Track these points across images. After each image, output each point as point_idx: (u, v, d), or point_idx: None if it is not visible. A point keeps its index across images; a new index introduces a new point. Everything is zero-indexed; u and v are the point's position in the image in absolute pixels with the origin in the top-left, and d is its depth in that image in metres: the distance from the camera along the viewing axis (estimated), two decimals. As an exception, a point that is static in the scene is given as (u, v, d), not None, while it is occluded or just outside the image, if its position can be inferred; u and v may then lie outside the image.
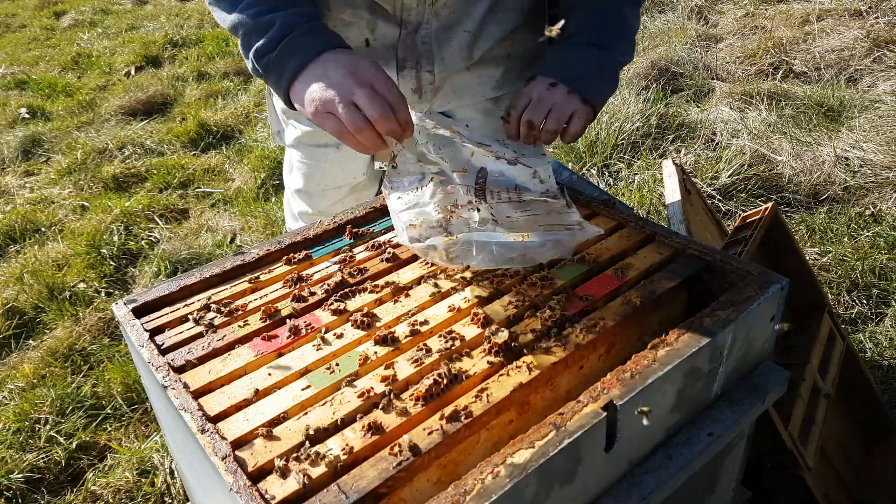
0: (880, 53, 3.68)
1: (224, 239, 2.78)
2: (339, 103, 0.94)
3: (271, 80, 1.03)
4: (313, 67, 0.98)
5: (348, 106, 0.94)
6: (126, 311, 0.98)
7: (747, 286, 0.94)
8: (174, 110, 4.15)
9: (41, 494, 1.77)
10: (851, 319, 2.12)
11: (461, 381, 0.82)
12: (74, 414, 1.97)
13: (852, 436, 1.68)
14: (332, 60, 0.98)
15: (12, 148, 3.72)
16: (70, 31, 6.05)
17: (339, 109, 0.95)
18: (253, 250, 1.11)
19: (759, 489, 1.35)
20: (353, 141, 0.98)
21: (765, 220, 1.55)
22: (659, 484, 0.84)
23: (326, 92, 0.95)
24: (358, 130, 0.95)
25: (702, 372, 0.88)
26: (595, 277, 1.02)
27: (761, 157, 2.93)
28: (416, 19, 1.19)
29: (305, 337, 0.92)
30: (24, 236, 2.92)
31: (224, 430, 0.77)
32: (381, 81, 0.97)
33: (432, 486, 0.75)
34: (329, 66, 0.97)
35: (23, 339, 2.34)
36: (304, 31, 1.00)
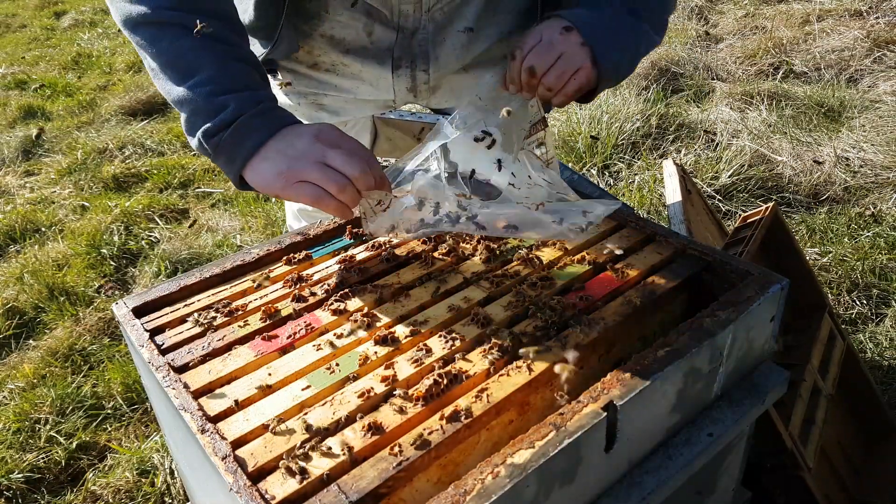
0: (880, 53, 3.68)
1: (225, 239, 2.78)
2: (314, 168, 0.92)
3: (221, 161, 0.98)
4: (273, 143, 0.95)
5: (323, 169, 0.92)
6: (126, 311, 0.98)
7: (747, 286, 0.94)
8: (174, 110, 4.14)
9: (41, 494, 1.77)
10: (851, 319, 2.12)
11: (461, 381, 0.82)
12: (74, 414, 1.97)
13: (852, 436, 1.68)
14: (293, 132, 0.96)
15: (12, 148, 3.72)
16: (70, 31, 6.05)
17: (315, 174, 0.92)
18: (253, 250, 1.11)
19: (759, 489, 1.35)
20: (333, 203, 0.94)
21: (765, 220, 1.55)
22: (659, 484, 0.84)
23: (296, 161, 0.92)
24: (341, 190, 0.92)
25: (702, 372, 0.88)
26: (595, 277, 1.02)
27: (761, 158, 2.93)
28: (413, 25, 1.20)
29: (305, 337, 0.92)
30: (24, 236, 2.92)
31: (224, 430, 0.77)
32: (348, 141, 0.96)
33: (432, 486, 0.75)
34: (291, 137, 0.95)
35: (23, 339, 2.34)
36: (259, 112, 0.96)
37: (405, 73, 1.26)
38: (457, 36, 1.24)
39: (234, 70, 0.99)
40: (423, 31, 1.21)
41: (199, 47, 0.98)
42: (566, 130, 3.18)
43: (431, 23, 1.20)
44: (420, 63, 1.25)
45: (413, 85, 1.29)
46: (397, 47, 1.23)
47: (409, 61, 1.25)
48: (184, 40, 0.97)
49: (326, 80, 1.29)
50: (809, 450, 1.36)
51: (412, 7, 1.17)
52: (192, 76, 0.98)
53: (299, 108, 1.36)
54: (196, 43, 0.98)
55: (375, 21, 1.20)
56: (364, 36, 1.22)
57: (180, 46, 0.98)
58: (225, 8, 1.04)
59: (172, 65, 0.99)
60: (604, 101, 3.26)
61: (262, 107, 0.97)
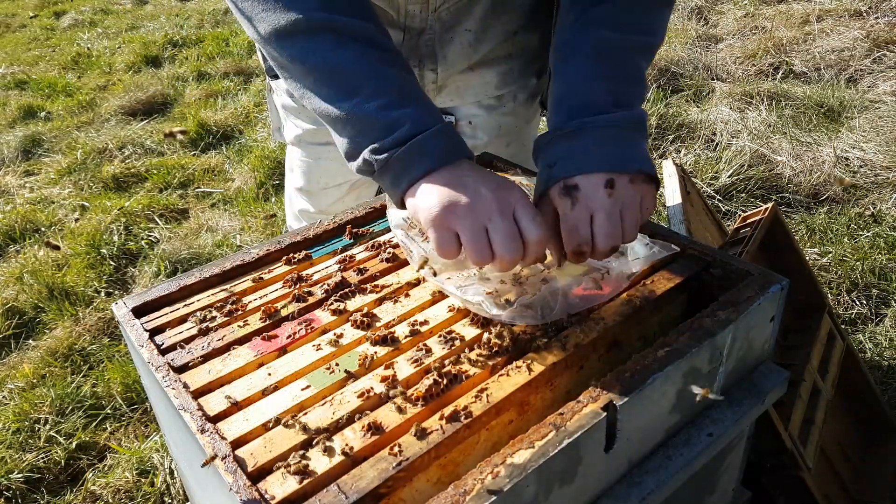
0: (880, 54, 3.68)
1: (225, 239, 2.78)
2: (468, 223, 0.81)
3: (386, 180, 0.88)
4: (445, 172, 0.84)
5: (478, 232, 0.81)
6: (126, 311, 0.98)
7: (747, 286, 0.94)
8: (174, 110, 4.15)
9: (41, 494, 1.77)
10: (851, 319, 2.12)
11: (461, 381, 0.82)
12: (74, 414, 1.97)
13: (852, 436, 1.68)
14: (472, 172, 0.85)
15: (12, 148, 3.72)
16: (70, 31, 6.05)
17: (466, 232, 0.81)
18: (253, 250, 1.11)
19: (759, 489, 1.35)
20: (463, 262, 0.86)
21: (765, 220, 1.55)
22: (659, 484, 0.84)
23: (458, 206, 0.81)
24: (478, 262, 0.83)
25: (702, 372, 0.88)
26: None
27: (761, 158, 2.93)
28: (420, 25, 1.20)
29: (305, 337, 0.92)
30: (24, 236, 2.92)
31: (224, 430, 0.77)
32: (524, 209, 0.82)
33: (432, 486, 0.75)
34: (467, 175, 0.84)
35: (23, 339, 2.34)
36: (438, 131, 0.86)
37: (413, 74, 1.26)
38: (464, 35, 1.23)
39: (400, 82, 0.90)
40: (429, 31, 1.21)
41: (358, 56, 0.89)
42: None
43: (438, 23, 1.20)
44: (428, 63, 1.25)
45: (421, 84, 1.28)
46: (404, 48, 1.23)
47: (416, 61, 1.25)
48: (340, 50, 0.89)
49: None
50: (809, 450, 1.36)
51: (419, 7, 1.17)
52: (356, 92, 0.88)
53: (304, 111, 1.36)
54: (352, 52, 0.89)
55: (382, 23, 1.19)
56: None
57: (337, 57, 0.89)
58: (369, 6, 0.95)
59: (330, 80, 0.90)
60: (604, 101, 3.25)
61: (443, 126, 0.87)
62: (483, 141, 1.42)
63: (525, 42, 1.31)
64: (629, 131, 0.90)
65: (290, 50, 0.91)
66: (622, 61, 0.95)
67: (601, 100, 0.91)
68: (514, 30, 1.27)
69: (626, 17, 0.97)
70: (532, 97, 1.40)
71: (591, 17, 0.96)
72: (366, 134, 0.87)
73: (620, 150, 0.88)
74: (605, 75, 0.93)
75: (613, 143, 0.89)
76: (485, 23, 1.23)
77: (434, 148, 0.86)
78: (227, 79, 4.55)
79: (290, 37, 0.90)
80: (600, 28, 0.95)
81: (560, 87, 0.96)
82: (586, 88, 0.93)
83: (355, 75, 0.88)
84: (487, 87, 1.34)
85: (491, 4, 1.21)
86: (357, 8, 0.91)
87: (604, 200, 0.85)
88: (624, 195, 0.86)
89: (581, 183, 0.86)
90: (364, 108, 0.87)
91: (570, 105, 0.93)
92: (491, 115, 1.39)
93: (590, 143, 0.89)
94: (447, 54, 1.25)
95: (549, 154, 0.92)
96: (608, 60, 0.94)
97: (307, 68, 0.90)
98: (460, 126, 1.43)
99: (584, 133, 0.89)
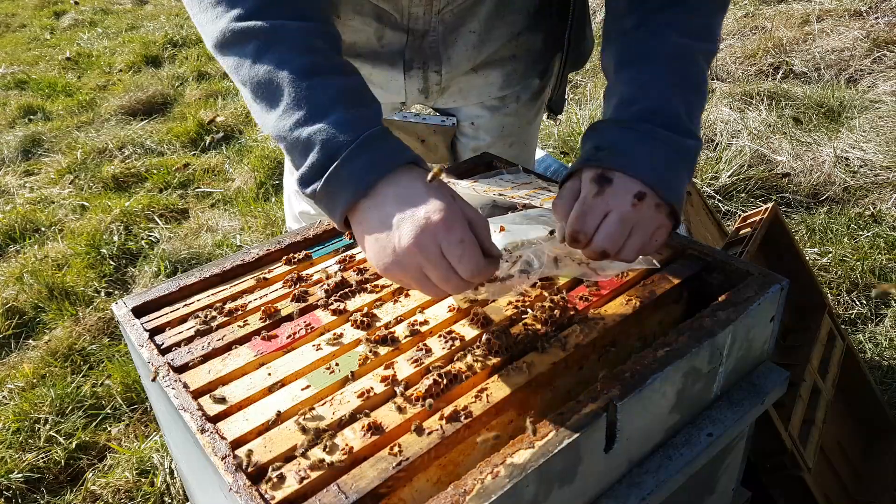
0: (880, 54, 3.68)
1: (224, 239, 2.78)
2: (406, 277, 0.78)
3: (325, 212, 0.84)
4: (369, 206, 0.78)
5: (418, 280, 0.78)
6: (126, 311, 0.98)
7: (747, 286, 0.94)
8: (174, 110, 4.15)
9: (41, 494, 1.77)
10: (851, 319, 2.12)
11: (461, 381, 0.82)
12: (74, 414, 1.97)
13: (852, 436, 1.68)
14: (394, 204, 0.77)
15: (12, 148, 3.72)
16: (70, 31, 6.05)
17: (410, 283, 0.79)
18: (253, 250, 1.11)
19: (759, 489, 1.35)
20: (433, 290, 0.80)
21: (765, 220, 1.55)
22: (659, 484, 0.84)
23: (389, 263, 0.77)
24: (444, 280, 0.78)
25: (701, 372, 0.88)
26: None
27: (761, 158, 2.93)
28: (424, 27, 1.20)
29: (305, 337, 0.92)
30: (24, 236, 2.92)
31: (224, 430, 0.77)
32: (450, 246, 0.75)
33: (432, 486, 0.75)
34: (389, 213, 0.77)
35: (23, 339, 2.34)
36: (349, 155, 0.77)
37: (417, 75, 1.26)
38: (468, 36, 1.23)
39: (319, 90, 0.81)
40: (433, 32, 1.21)
41: (277, 65, 0.81)
42: (566, 130, 3.18)
43: (441, 24, 1.20)
44: (432, 64, 1.25)
45: (425, 86, 1.28)
46: (408, 50, 1.23)
47: (420, 63, 1.25)
48: (262, 60, 0.82)
49: None
50: (809, 450, 1.36)
51: (422, 9, 1.17)
52: (276, 105, 0.81)
53: None
54: (272, 61, 0.82)
55: (386, 25, 1.19)
56: (374, 40, 1.21)
57: (258, 69, 0.82)
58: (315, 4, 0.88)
59: (256, 93, 0.84)
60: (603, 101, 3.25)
61: (350, 151, 0.78)
62: (486, 141, 1.42)
63: (529, 43, 1.31)
64: (682, 161, 0.88)
65: (226, 62, 0.86)
66: (694, 69, 0.93)
67: (674, 111, 0.89)
68: (518, 31, 1.27)
69: (694, 22, 0.95)
70: (535, 98, 1.40)
71: (660, 21, 0.94)
72: (292, 155, 0.82)
73: (666, 174, 0.86)
74: (680, 84, 0.91)
75: (665, 163, 0.86)
76: (489, 24, 1.23)
77: (348, 175, 0.78)
78: (227, 79, 4.54)
79: (225, 48, 0.86)
80: (671, 34, 0.93)
81: (630, 89, 0.92)
82: (661, 95, 0.90)
83: (275, 87, 0.82)
84: (491, 88, 1.34)
85: (495, 6, 1.21)
86: (294, 8, 0.85)
87: (625, 207, 0.83)
88: (644, 215, 0.84)
89: (616, 180, 0.84)
90: (282, 125, 0.81)
91: (642, 108, 0.89)
92: (494, 115, 1.39)
93: (646, 151, 0.86)
94: (451, 56, 1.25)
95: (604, 138, 0.89)
96: (682, 68, 0.92)
97: (240, 82, 0.85)
98: (463, 127, 1.43)
99: (646, 138, 0.87)
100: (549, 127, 3.21)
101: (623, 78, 0.93)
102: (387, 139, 0.81)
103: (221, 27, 0.85)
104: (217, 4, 0.86)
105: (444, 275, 0.76)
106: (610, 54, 0.99)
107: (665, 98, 0.89)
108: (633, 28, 0.96)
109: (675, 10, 0.94)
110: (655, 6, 0.95)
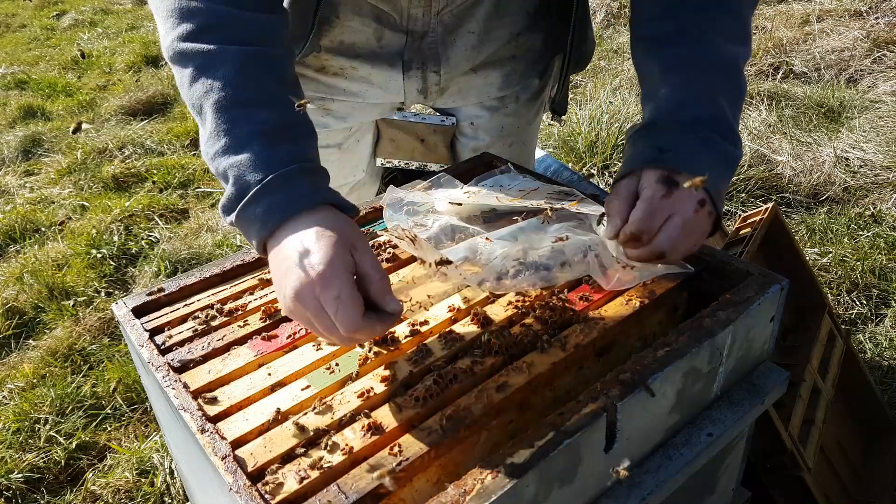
0: (880, 54, 3.68)
1: (224, 239, 2.78)
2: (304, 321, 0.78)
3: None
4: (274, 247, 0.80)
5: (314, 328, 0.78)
6: (126, 311, 0.98)
7: (747, 286, 0.94)
8: (174, 110, 4.15)
9: (41, 494, 1.77)
10: (851, 320, 2.12)
11: (461, 381, 0.82)
12: (74, 414, 1.97)
13: (852, 436, 1.68)
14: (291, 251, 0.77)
15: (12, 148, 3.72)
16: (70, 31, 6.05)
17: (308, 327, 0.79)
18: (253, 250, 1.11)
19: (759, 489, 1.35)
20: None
21: (765, 220, 1.55)
22: (659, 484, 0.84)
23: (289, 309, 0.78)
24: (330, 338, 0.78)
25: (701, 372, 0.88)
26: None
27: (761, 158, 2.93)
28: (422, 28, 1.20)
29: (305, 337, 0.92)
30: (24, 236, 2.92)
31: (224, 430, 0.77)
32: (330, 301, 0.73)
33: (432, 486, 0.75)
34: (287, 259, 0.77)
35: (22, 339, 2.34)
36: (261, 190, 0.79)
37: (416, 75, 1.26)
38: (467, 37, 1.24)
39: (239, 120, 0.82)
40: (432, 33, 1.21)
41: (208, 90, 0.82)
42: (566, 130, 3.18)
43: (440, 25, 1.20)
44: (431, 65, 1.25)
45: (424, 86, 1.28)
46: (407, 50, 1.23)
47: (419, 63, 1.25)
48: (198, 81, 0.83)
49: (334, 83, 1.28)
50: (809, 450, 1.36)
51: (421, 10, 1.17)
52: (204, 129, 0.83)
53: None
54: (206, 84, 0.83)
55: (385, 26, 1.20)
56: (374, 41, 1.22)
57: (193, 92, 0.84)
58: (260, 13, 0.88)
59: (193, 112, 0.85)
60: (604, 101, 3.25)
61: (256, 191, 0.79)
62: (485, 141, 1.42)
63: (528, 44, 1.31)
64: (731, 172, 0.92)
65: (175, 76, 0.88)
66: (740, 79, 0.95)
67: (728, 121, 0.91)
68: (517, 32, 1.27)
69: (734, 25, 0.96)
70: (534, 98, 1.41)
71: (704, 27, 0.94)
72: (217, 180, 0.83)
73: (720, 184, 0.89)
74: (730, 93, 0.93)
75: (721, 173, 0.89)
76: (487, 25, 1.23)
77: (253, 216, 0.80)
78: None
79: (172, 63, 0.87)
80: (717, 39, 0.93)
81: (681, 94, 0.92)
82: (715, 103, 0.91)
83: (203, 113, 0.83)
84: (490, 88, 1.34)
85: (493, 7, 1.21)
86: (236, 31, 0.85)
87: (689, 213, 0.85)
88: (700, 221, 0.87)
89: (683, 183, 0.85)
90: (207, 151, 0.83)
91: (698, 114, 0.90)
92: (493, 115, 1.39)
93: (709, 159, 0.88)
94: (450, 56, 1.25)
95: (664, 139, 0.89)
96: (732, 77, 0.94)
97: (183, 97, 0.86)
98: (462, 127, 1.43)
99: (709, 146, 0.88)
100: (549, 127, 3.21)
101: (673, 82, 0.94)
102: (296, 181, 0.80)
103: (168, 44, 0.87)
104: (167, 19, 0.87)
105: (328, 327, 0.75)
106: (651, 59, 0.98)
107: (719, 107, 0.91)
108: (676, 33, 0.95)
109: (713, 12, 0.94)
110: (693, 8, 0.94)
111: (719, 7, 0.94)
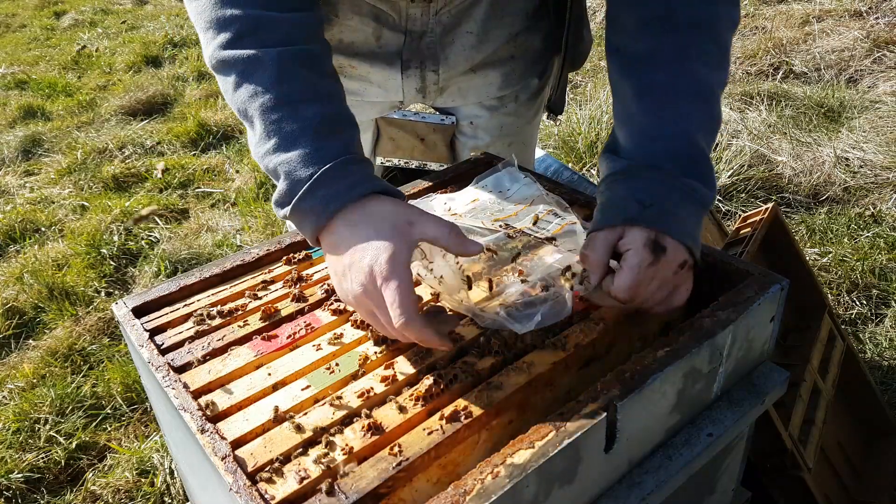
0: (880, 54, 3.68)
1: (224, 239, 2.78)
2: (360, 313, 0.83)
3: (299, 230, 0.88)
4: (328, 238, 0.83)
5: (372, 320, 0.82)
6: (126, 311, 0.98)
7: (747, 286, 0.94)
8: (174, 110, 4.15)
9: (41, 494, 1.77)
10: (851, 320, 2.12)
11: (461, 380, 0.82)
12: (74, 414, 1.97)
13: (852, 436, 1.68)
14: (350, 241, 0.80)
15: (12, 148, 3.72)
16: (70, 31, 6.05)
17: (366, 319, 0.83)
18: (253, 250, 1.11)
19: (759, 489, 1.35)
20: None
21: (765, 220, 1.55)
22: (659, 484, 0.84)
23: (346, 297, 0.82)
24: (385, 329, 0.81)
25: (701, 372, 0.88)
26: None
27: (761, 158, 2.93)
28: (421, 28, 1.20)
29: (305, 337, 0.92)
30: (24, 236, 2.92)
31: (224, 430, 0.77)
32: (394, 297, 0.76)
33: (432, 486, 0.75)
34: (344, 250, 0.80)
35: (22, 339, 2.34)
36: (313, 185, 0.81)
37: (415, 75, 1.27)
38: (465, 37, 1.24)
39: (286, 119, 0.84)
40: (430, 33, 1.21)
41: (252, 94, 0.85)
42: (566, 130, 3.18)
43: (439, 25, 1.21)
44: (430, 64, 1.25)
45: (423, 86, 1.29)
46: (405, 50, 1.23)
47: (418, 63, 1.25)
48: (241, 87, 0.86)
49: None
50: (809, 450, 1.36)
51: (420, 10, 1.17)
52: (253, 131, 0.86)
53: None
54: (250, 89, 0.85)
55: (383, 25, 1.20)
56: (372, 40, 1.22)
57: (238, 97, 0.86)
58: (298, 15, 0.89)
59: (240, 116, 0.88)
60: (604, 101, 3.26)
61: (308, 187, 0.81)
62: (485, 141, 1.42)
63: (527, 44, 1.31)
64: (705, 214, 0.91)
65: (220, 85, 0.90)
66: (716, 109, 0.92)
67: (704, 159, 0.89)
68: (516, 32, 1.28)
69: (710, 49, 0.91)
70: (534, 97, 1.41)
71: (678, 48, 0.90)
72: (270, 178, 0.86)
73: (697, 235, 0.89)
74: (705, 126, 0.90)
75: (698, 223, 0.89)
76: (486, 25, 1.23)
77: (308, 209, 0.82)
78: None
79: (215, 72, 0.90)
80: (692, 65, 0.90)
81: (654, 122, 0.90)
82: (691, 140, 0.89)
83: (250, 117, 0.86)
84: (490, 88, 1.34)
85: (492, 8, 1.21)
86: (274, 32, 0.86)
87: (671, 274, 0.86)
88: (684, 278, 0.88)
89: (669, 248, 0.85)
90: (257, 152, 0.86)
91: (674, 148, 0.88)
92: (493, 115, 1.39)
93: (690, 213, 0.87)
94: (449, 56, 1.25)
95: (645, 190, 0.87)
96: (707, 108, 0.91)
97: (230, 103, 0.89)
98: (461, 126, 1.43)
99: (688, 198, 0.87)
100: (549, 127, 3.21)
101: (645, 108, 0.91)
102: (346, 172, 0.82)
103: (209, 54, 0.89)
104: (207, 31, 0.89)
105: (389, 320, 0.77)
106: (625, 79, 0.95)
107: (696, 145, 0.89)
108: (652, 54, 0.91)
109: (692, 34, 0.90)
110: (671, 28, 0.91)
111: (697, 30, 0.91)
